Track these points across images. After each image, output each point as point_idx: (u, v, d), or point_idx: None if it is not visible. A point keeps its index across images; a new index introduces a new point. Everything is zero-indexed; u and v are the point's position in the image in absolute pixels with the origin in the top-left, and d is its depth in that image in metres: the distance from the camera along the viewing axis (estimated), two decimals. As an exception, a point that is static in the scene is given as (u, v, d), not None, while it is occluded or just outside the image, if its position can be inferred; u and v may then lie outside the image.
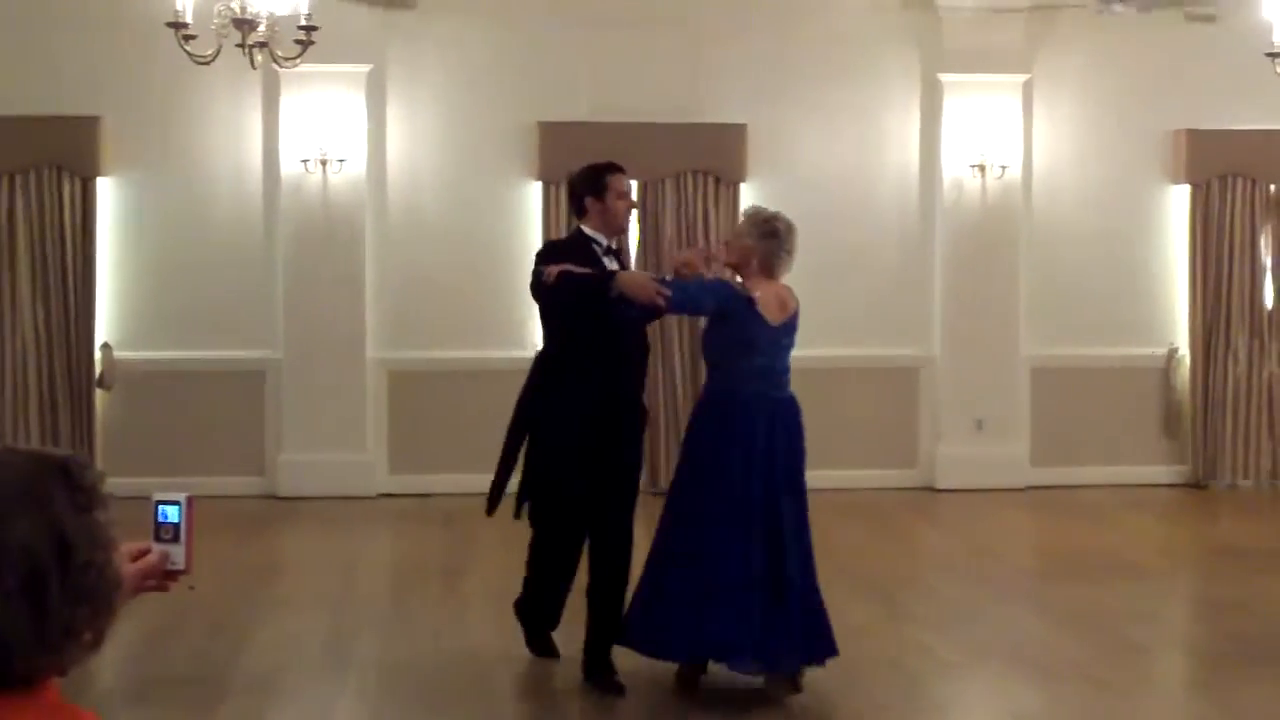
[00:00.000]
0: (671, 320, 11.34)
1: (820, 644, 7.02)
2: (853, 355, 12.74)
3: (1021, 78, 12.69)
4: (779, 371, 7.27)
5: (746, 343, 7.09)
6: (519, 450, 7.36)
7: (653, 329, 8.87)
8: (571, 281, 6.93)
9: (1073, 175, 13.02)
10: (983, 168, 12.63)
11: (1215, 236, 12.94)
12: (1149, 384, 13.03)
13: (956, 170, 12.68)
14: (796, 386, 8.41)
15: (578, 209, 7.44)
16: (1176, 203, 12.99)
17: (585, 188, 7.39)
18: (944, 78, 12.64)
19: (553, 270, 6.95)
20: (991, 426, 12.72)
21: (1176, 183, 12.99)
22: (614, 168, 7.47)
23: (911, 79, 12.82)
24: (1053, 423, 12.85)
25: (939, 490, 12.64)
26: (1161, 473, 12.98)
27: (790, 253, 7.39)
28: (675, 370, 12.50)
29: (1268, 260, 13.03)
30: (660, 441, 12.13)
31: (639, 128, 12.40)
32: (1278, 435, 13.00)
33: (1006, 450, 12.76)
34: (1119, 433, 12.86)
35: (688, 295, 7.10)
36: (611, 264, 7.31)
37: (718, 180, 12.58)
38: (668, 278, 7.17)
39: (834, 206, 12.74)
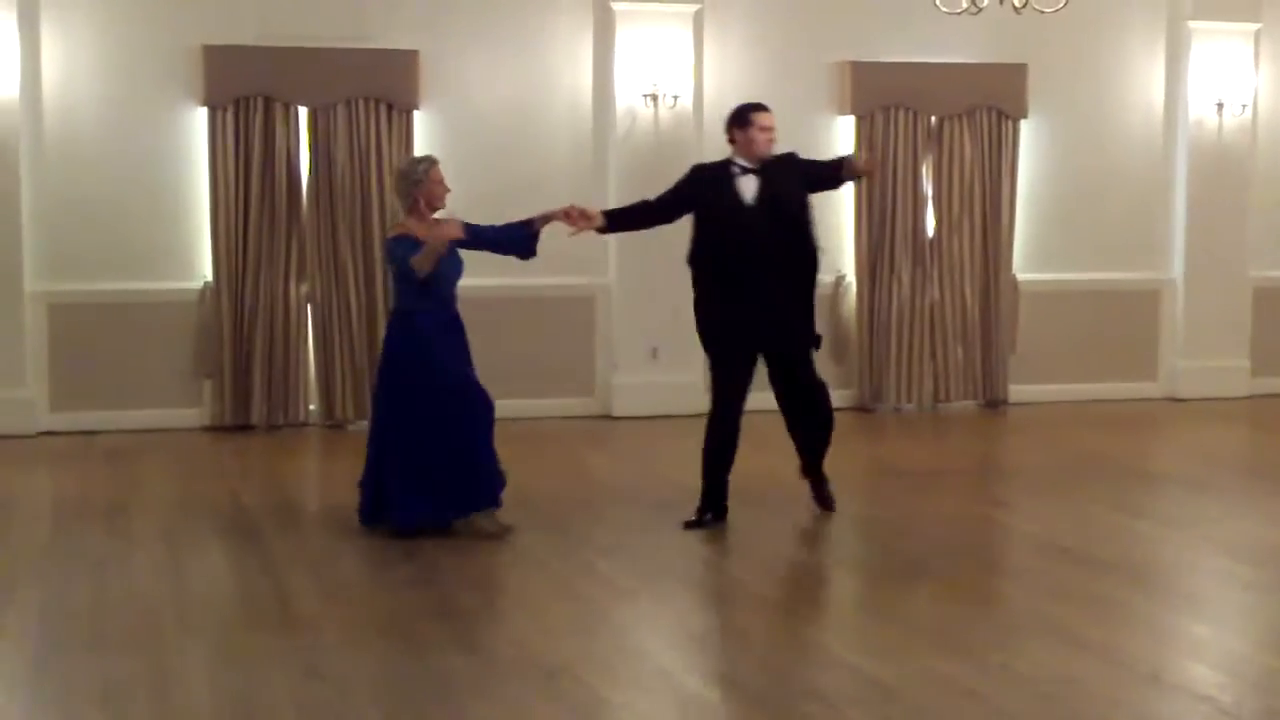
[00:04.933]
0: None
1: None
2: (529, 285, 12.73)
3: (692, 8, 12.80)
4: None
5: None
6: None
7: None
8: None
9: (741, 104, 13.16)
10: (655, 97, 12.71)
11: (879, 166, 13.27)
12: (819, 310, 13.29)
13: (629, 99, 12.73)
14: (476, 316, 8.46)
15: (729, 138, 9.11)
16: (843, 133, 13.28)
17: (732, 121, 9.08)
18: (616, 6, 12.65)
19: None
20: (666, 355, 12.87)
21: (842, 113, 13.29)
22: (758, 107, 9.10)
23: (584, 6, 12.81)
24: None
25: (616, 418, 12.76)
26: (833, 397, 13.26)
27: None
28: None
29: (929, 190, 13.44)
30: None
31: (307, 53, 12.16)
32: (938, 358, 13.47)
33: (682, 378, 12.92)
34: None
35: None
36: (750, 183, 8.96)
37: (390, 107, 12.37)
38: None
39: (508, 134, 12.74)
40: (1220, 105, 13.92)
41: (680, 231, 12.74)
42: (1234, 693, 6.33)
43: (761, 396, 9.29)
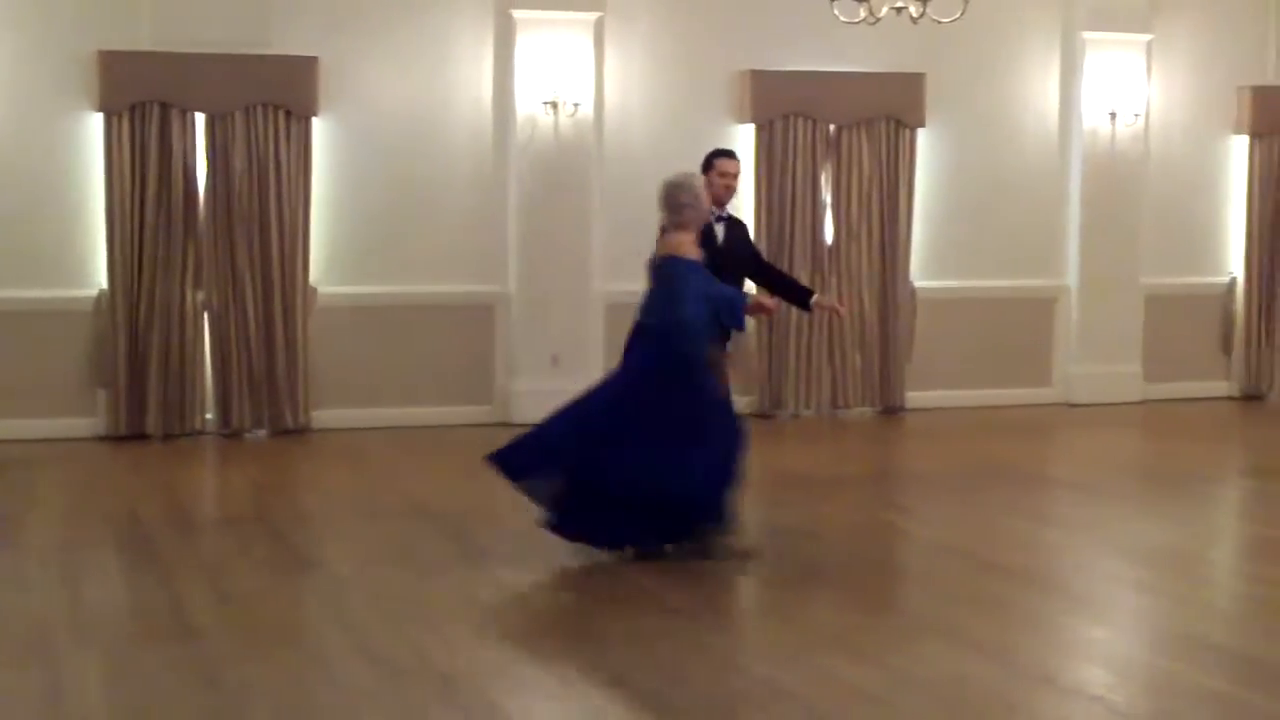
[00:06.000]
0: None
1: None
2: (428, 292, 12.73)
3: (593, 16, 12.81)
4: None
5: None
6: None
7: None
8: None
9: (644, 113, 13.23)
10: (556, 105, 12.71)
11: (779, 174, 13.36)
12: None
13: (530, 107, 12.71)
14: (372, 325, 8.41)
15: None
16: (744, 141, 13.34)
17: (703, 165, 9.21)
18: (517, 13, 12.65)
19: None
20: (567, 362, 12.86)
21: (743, 122, 13.34)
22: (724, 152, 9.42)
23: (485, 14, 12.79)
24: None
25: (516, 425, 12.70)
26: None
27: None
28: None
29: (827, 197, 13.53)
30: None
31: (205, 59, 12.06)
32: (837, 365, 13.56)
33: (582, 385, 12.88)
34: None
35: None
36: (720, 229, 9.16)
37: (288, 114, 12.29)
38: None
39: (409, 142, 12.71)
40: (1113, 115, 14.12)
41: (580, 239, 12.84)
42: (1126, 693, 6.41)
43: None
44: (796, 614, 7.64)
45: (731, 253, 9.18)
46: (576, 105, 12.76)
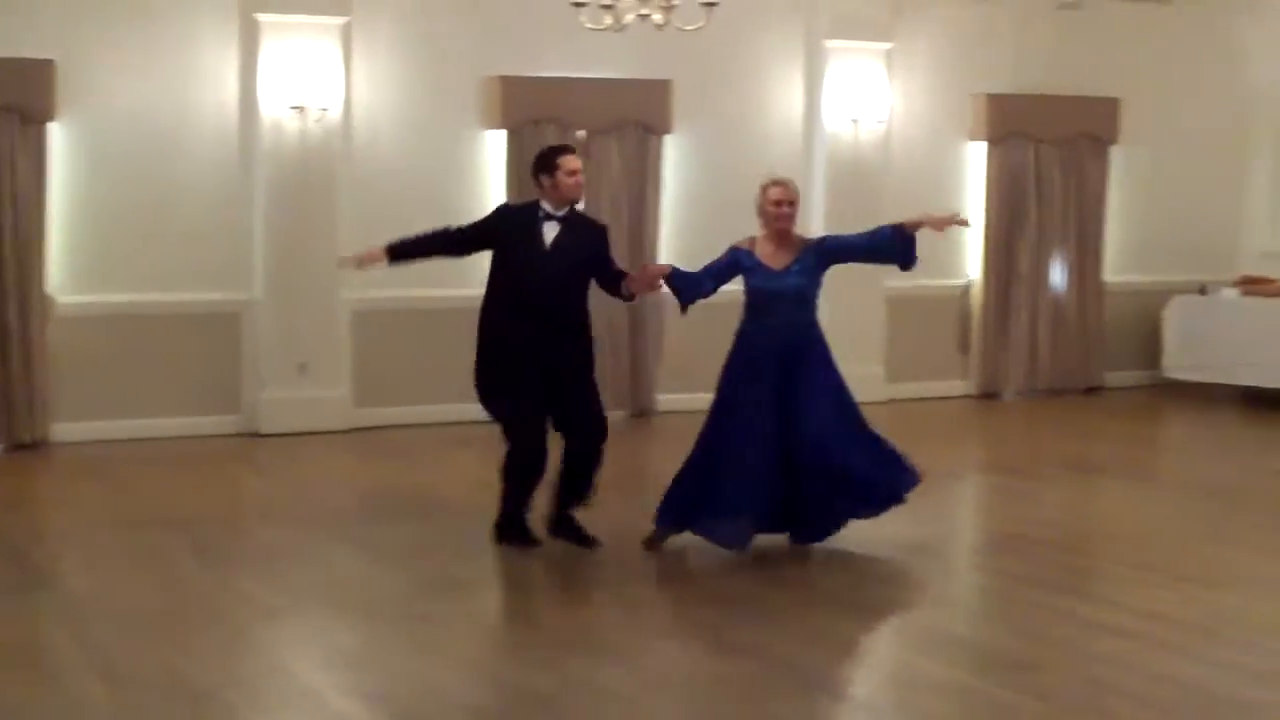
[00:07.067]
0: None
1: None
2: (173, 301, 12.48)
3: (340, 20, 12.67)
4: None
5: None
6: None
7: None
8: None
9: (393, 118, 13.14)
10: (303, 109, 12.55)
11: (530, 180, 13.27)
12: (471, 323, 13.31)
13: (276, 111, 12.53)
14: (114, 334, 8.18)
15: (536, 183, 8.93)
16: (493, 146, 13.33)
17: (537, 166, 8.93)
18: (261, 17, 12.45)
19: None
20: (315, 370, 12.73)
21: (493, 127, 13.33)
22: (563, 149, 9.00)
23: (229, 17, 12.56)
24: (375, 364, 13.00)
25: (263, 435, 12.54)
26: (479, 409, 13.32)
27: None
28: None
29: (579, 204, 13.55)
30: None
31: (-67, 61, 11.64)
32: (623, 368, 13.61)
33: (329, 393, 12.81)
34: (440, 372, 13.12)
35: None
36: (551, 229, 8.76)
37: (23, 118, 11.91)
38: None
39: (151, 146, 12.44)
40: (856, 121, 14.43)
41: (328, 246, 12.68)
42: (868, 686, 6.56)
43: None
44: (546, 618, 7.69)
45: (563, 258, 8.76)
46: (324, 110, 12.61)
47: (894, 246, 8.94)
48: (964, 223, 9.42)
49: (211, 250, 12.60)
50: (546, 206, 8.86)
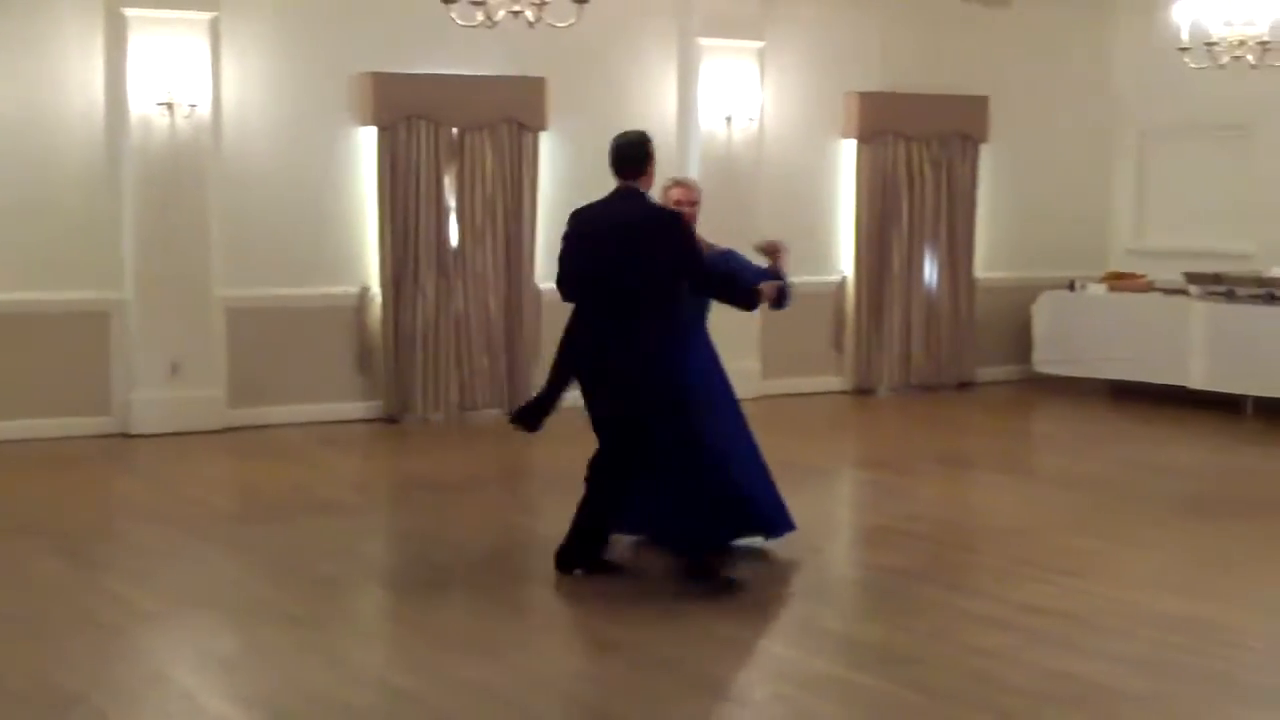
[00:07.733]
0: None
1: None
2: (41, 300, 12.27)
3: (208, 15, 12.51)
4: None
5: None
6: None
7: None
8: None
9: (263, 115, 13.01)
10: (171, 106, 12.38)
11: (403, 178, 13.29)
12: (343, 322, 13.26)
13: (144, 108, 12.35)
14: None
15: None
16: (366, 144, 13.24)
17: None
18: (128, 12, 12.28)
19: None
20: (188, 369, 12.57)
21: (365, 124, 13.24)
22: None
23: (94, 12, 12.37)
24: (249, 363, 12.87)
25: (134, 436, 12.37)
26: (358, 409, 13.28)
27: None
28: None
29: (452, 201, 13.53)
30: None
31: None
32: (464, 369, 13.56)
33: (203, 392, 12.66)
34: (316, 371, 13.05)
35: None
36: None
37: (-118, 114, 11.67)
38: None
39: (15, 143, 12.24)
40: (729, 119, 14.50)
41: (199, 243, 12.51)
42: (744, 680, 6.58)
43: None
44: (424, 619, 7.59)
45: None
46: (193, 106, 12.45)
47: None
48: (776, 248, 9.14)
49: (80, 248, 12.40)
50: None
